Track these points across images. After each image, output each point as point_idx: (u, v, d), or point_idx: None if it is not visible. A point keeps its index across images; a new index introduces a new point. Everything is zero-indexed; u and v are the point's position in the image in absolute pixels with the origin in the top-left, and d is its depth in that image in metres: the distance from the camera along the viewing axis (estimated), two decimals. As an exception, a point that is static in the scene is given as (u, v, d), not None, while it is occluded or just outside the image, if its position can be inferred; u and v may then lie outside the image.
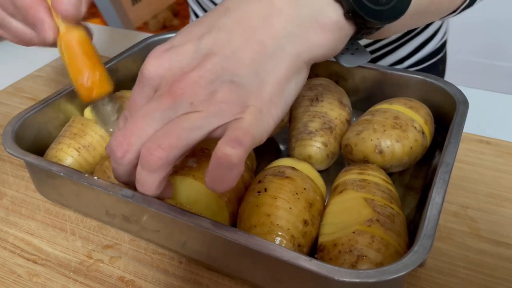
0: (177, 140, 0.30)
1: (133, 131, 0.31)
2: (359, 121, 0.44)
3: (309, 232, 0.36)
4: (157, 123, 0.31)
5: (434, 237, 0.30)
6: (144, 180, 0.32)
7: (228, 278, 0.38)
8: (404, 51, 0.68)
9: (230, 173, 0.29)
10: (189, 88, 0.30)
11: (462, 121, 0.41)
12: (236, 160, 0.28)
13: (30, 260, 0.41)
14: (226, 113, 0.30)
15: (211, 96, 0.30)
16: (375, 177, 0.39)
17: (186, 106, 0.30)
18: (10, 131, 0.42)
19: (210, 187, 0.30)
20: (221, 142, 0.29)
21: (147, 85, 0.33)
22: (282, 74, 0.31)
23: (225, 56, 0.31)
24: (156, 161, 0.30)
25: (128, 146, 0.32)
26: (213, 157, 0.29)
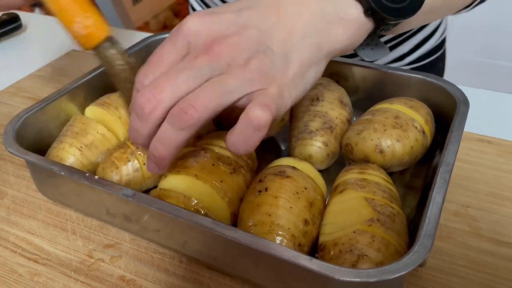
0: (210, 102, 0.31)
1: (165, 86, 0.31)
2: (359, 121, 0.44)
3: (310, 231, 0.36)
4: (192, 80, 0.31)
5: (434, 236, 0.30)
6: (168, 138, 0.32)
7: (228, 278, 0.38)
8: (404, 48, 0.68)
9: (256, 134, 0.31)
10: (228, 51, 0.32)
11: (463, 121, 0.41)
12: (264, 122, 0.31)
13: (31, 260, 0.41)
14: (257, 82, 0.32)
15: (246, 63, 0.32)
16: (375, 177, 0.39)
17: (222, 67, 0.31)
18: (11, 130, 0.43)
19: (234, 146, 0.32)
20: (252, 105, 0.31)
21: (181, 40, 0.33)
22: (305, 60, 0.34)
23: (260, 30, 0.33)
24: (189, 119, 0.31)
25: (158, 102, 0.31)
26: (242, 118, 0.31)
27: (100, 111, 0.48)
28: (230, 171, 0.39)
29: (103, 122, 0.48)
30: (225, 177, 0.39)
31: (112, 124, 0.47)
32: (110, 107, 0.48)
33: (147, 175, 0.43)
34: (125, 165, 0.42)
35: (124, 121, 0.47)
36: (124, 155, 0.43)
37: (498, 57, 1.66)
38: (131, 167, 0.42)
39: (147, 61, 0.35)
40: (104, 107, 0.48)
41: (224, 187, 0.38)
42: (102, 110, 0.48)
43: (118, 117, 0.47)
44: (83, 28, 0.40)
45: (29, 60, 0.73)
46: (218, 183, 0.38)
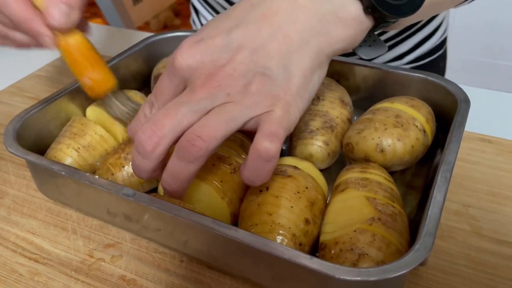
0: (216, 132, 0.31)
1: (166, 122, 0.31)
2: (360, 120, 0.44)
3: (311, 231, 0.36)
4: (192, 114, 0.31)
5: (435, 235, 0.30)
6: (179, 171, 0.32)
7: (229, 277, 0.38)
8: (405, 47, 0.68)
9: (267, 165, 0.31)
10: (225, 81, 0.31)
11: (464, 120, 0.41)
12: (274, 153, 0.31)
13: (32, 259, 0.41)
14: (260, 105, 0.31)
15: (245, 88, 0.31)
16: (377, 176, 0.39)
17: (222, 97, 0.31)
18: (11, 130, 0.43)
19: (248, 179, 0.32)
20: (259, 137, 0.31)
21: (177, 76, 0.33)
22: (307, 67, 0.33)
23: (254, 49, 0.32)
24: (197, 151, 0.31)
25: (160, 139, 0.31)
26: (252, 151, 0.31)
27: (100, 111, 0.48)
28: (231, 171, 0.39)
29: (102, 122, 0.48)
30: (226, 177, 0.39)
31: (111, 124, 0.47)
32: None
33: (143, 180, 0.43)
34: (119, 171, 0.42)
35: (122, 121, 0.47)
36: (118, 160, 0.43)
37: (499, 56, 1.66)
38: (126, 172, 0.42)
39: (147, 98, 0.36)
40: (104, 107, 0.48)
41: (224, 187, 0.38)
42: (102, 110, 0.48)
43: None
44: (90, 81, 0.44)
45: (29, 60, 0.73)
46: (218, 183, 0.38)
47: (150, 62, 0.58)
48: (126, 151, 0.43)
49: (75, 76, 0.44)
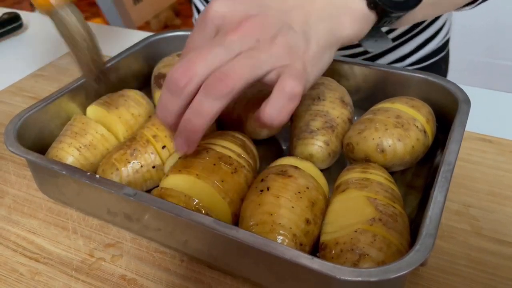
0: (244, 73, 0.33)
1: (198, 61, 0.33)
2: (360, 120, 0.44)
3: (311, 231, 0.36)
4: (224, 55, 0.33)
5: (436, 236, 0.30)
6: (203, 108, 0.33)
7: (229, 277, 0.38)
8: (407, 49, 0.68)
9: (290, 104, 0.33)
10: (256, 27, 0.34)
11: (464, 120, 0.41)
12: (298, 91, 0.33)
13: (32, 259, 0.41)
14: (283, 57, 0.34)
15: (273, 39, 0.34)
16: (377, 176, 0.39)
17: (251, 43, 0.33)
18: (12, 129, 0.43)
19: (269, 117, 0.33)
20: (285, 77, 0.33)
21: (210, 24, 0.36)
22: (322, 41, 0.36)
23: (281, 11, 0.35)
24: (224, 88, 0.32)
25: (192, 76, 0.33)
26: (277, 90, 0.33)
27: (100, 111, 0.48)
28: (232, 171, 0.39)
29: (103, 121, 0.48)
30: (226, 177, 0.39)
31: (112, 124, 0.47)
32: (110, 107, 0.48)
33: (147, 177, 0.43)
34: (125, 166, 0.42)
35: (124, 120, 0.47)
36: (124, 156, 0.43)
37: (499, 56, 1.66)
38: (131, 168, 0.42)
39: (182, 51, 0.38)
40: (105, 107, 0.48)
41: (225, 187, 0.38)
42: (102, 109, 0.48)
43: (118, 116, 0.47)
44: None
45: (30, 60, 0.73)
46: (219, 183, 0.38)
47: (150, 61, 0.58)
48: (132, 147, 0.43)
49: None
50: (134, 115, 0.48)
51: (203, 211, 0.36)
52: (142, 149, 0.43)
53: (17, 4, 2.94)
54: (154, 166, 0.43)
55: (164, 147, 0.44)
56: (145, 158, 0.43)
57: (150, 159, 0.43)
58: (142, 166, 0.43)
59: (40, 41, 0.79)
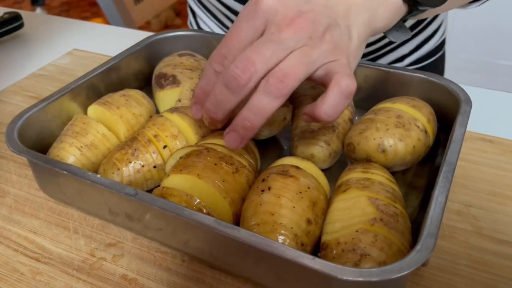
0: (299, 72, 0.34)
1: (257, 59, 0.33)
2: (361, 120, 0.44)
3: (313, 231, 0.36)
4: (280, 52, 0.34)
5: (437, 236, 0.30)
6: (263, 107, 0.34)
7: (230, 277, 0.38)
8: (405, 49, 0.68)
9: (345, 101, 0.34)
10: (309, 24, 0.34)
11: (465, 120, 0.41)
12: (353, 89, 0.34)
13: (33, 258, 0.41)
14: (332, 53, 0.35)
15: (323, 35, 0.35)
16: (379, 176, 0.39)
17: (305, 39, 0.34)
18: (13, 129, 0.43)
19: (326, 113, 0.34)
20: (340, 76, 0.34)
21: (260, 18, 0.36)
22: (362, 34, 0.38)
23: (326, 6, 0.36)
24: (284, 87, 0.33)
25: (252, 74, 0.33)
26: (333, 87, 0.34)
27: (101, 110, 0.48)
28: (233, 170, 0.39)
29: (104, 121, 0.48)
30: (227, 177, 0.39)
31: (113, 123, 0.47)
32: (111, 106, 0.48)
33: (148, 177, 0.43)
34: (126, 166, 0.42)
35: (125, 120, 0.47)
36: (125, 156, 0.43)
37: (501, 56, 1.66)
38: (132, 168, 0.42)
39: (223, 39, 0.37)
40: (106, 106, 0.48)
41: (226, 187, 0.38)
42: (103, 109, 0.48)
43: (119, 116, 0.47)
44: None
45: (31, 59, 0.73)
46: (220, 183, 0.38)
47: (151, 61, 0.58)
48: (133, 147, 0.43)
49: None
50: (135, 114, 0.48)
51: (204, 210, 0.36)
52: (143, 149, 0.43)
53: (17, 4, 2.95)
54: (155, 166, 0.43)
55: (165, 146, 0.44)
56: (146, 158, 0.43)
57: (151, 158, 0.43)
58: (143, 166, 0.43)
59: (41, 40, 0.79)
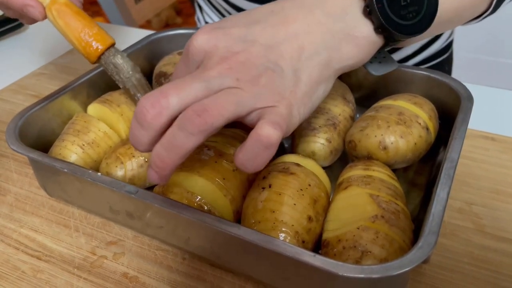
0: (224, 110, 0.30)
1: (172, 92, 0.30)
2: (363, 117, 0.44)
3: (314, 228, 0.36)
4: (201, 90, 0.30)
5: (438, 233, 0.30)
6: (175, 143, 0.30)
7: (231, 274, 0.38)
8: (410, 50, 0.68)
9: (265, 152, 0.30)
10: (237, 66, 0.31)
11: (467, 117, 0.41)
12: (275, 140, 0.30)
13: (34, 257, 0.41)
14: (266, 98, 0.31)
15: (255, 79, 0.31)
16: (380, 173, 0.39)
17: (232, 81, 0.31)
18: (13, 127, 0.43)
19: (242, 164, 0.31)
20: (262, 122, 0.30)
21: (191, 58, 0.34)
22: (315, 78, 0.33)
23: (268, 46, 0.33)
24: (202, 124, 0.29)
25: (162, 108, 0.30)
26: (252, 136, 0.30)
27: (102, 109, 0.48)
28: (233, 168, 0.39)
29: (105, 119, 0.48)
30: (228, 174, 0.39)
31: (114, 122, 0.47)
32: (112, 105, 0.48)
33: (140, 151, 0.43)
34: (129, 160, 0.42)
35: (126, 118, 0.47)
36: (129, 150, 0.43)
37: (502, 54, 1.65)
38: (136, 162, 0.42)
39: None
40: (106, 104, 0.48)
41: (227, 184, 0.38)
42: (104, 107, 0.48)
43: (120, 114, 0.47)
44: (89, 36, 0.44)
45: (31, 58, 0.73)
46: (220, 181, 0.38)
47: (152, 60, 0.58)
48: None
49: (72, 40, 0.45)
50: None
51: (205, 208, 0.36)
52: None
53: (18, 4, 2.94)
54: None
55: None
56: (150, 153, 0.43)
57: None
58: (146, 161, 0.43)
59: (42, 39, 0.79)
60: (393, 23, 0.34)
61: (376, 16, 0.34)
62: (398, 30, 0.35)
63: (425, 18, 0.36)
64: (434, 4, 0.36)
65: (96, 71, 0.51)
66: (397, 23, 0.34)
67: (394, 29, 0.34)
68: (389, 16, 0.34)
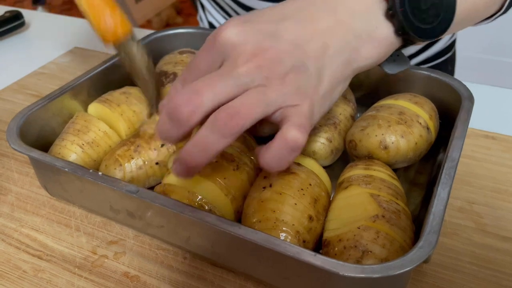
0: (254, 111, 0.30)
1: (205, 91, 0.30)
2: (363, 117, 0.44)
3: (314, 228, 0.36)
4: (232, 88, 0.31)
5: (439, 232, 0.30)
6: (209, 144, 0.31)
7: (232, 274, 0.38)
8: (412, 49, 0.68)
9: (291, 155, 0.31)
10: (266, 64, 0.31)
11: (468, 117, 0.41)
12: (301, 143, 0.31)
13: (35, 256, 0.41)
14: (292, 97, 0.32)
15: (283, 77, 0.32)
16: (381, 173, 0.39)
17: (261, 79, 0.31)
18: (14, 127, 0.43)
19: (268, 165, 0.32)
20: (289, 126, 0.31)
21: (217, 50, 0.33)
22: (336, 77, 0.34)
23: (296, 44, 0.33)
24: (234, 127, 0.30)
25: (197, 107, 0.30)
26: (280, 139, 0.31)
27: (102, 108, 0.48)
28: (234, 168, 0.39)
29: (105, 119, 0.47)
30: (229, 174, 0.39)
31: (114, 121, 0.47)
32: (112, 104, 0.48)
33: (150, 173, 0.43)
34: (128, 162, 0.42)
35: (126, 118, 0.47)
36: (128, 152, 0.43)
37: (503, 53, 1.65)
38: (135, 164, 0.42)
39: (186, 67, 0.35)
40: (106, 104, 0.48)
41: (228, 184, 0.38)
42: (104, 107, 0.48)
43: (120, 114, 0.47)
44: (111, 19, 0.44)
45: (32, 58, 0.73)
46: (221, 180, 0.38)
47: (152, 59, 0.58)
48: (136, 143, 0.43)
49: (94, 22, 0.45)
50: (136, 112, 0.48)
51: (206, 207, 0.36)
52: (145, 145, 0.43)
53: (18, 3, 2.95)
54: (157, 163, 0.43)
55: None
56: (149, 154, 0.43)
57: (153, 155, 0.43)
58: (145, 162, 0.43)
59: (42, 39, 0.79)
60: (414, 27, 0.35)
61: (399, 19, 0.34)
62: (418, 33, 0.35)
63: (444, 21, 0.36)
64: (452, 7, 0.37)
65: (97, 70, 0.51)
66: (417, 27, 0.35)
67: (414, 32, 0.35)
68: (410, 19, 0.34)
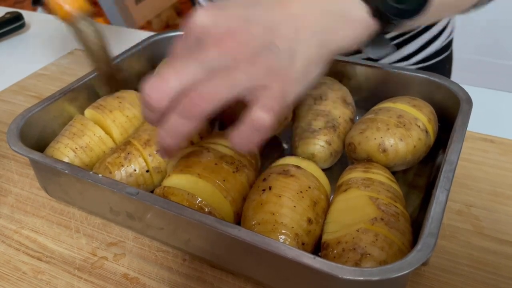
0: (218, 94, 0.32)
1: (172, 77, 0.32)
2: (362, 120, 0.44)
3: (313, 230, 0.36)
4: (199, 71, 0.32)
5: (438, 235, 0.30)
6: (175, 128, 0.32)
7: (231, 276, 0.38)
8: (410, 48, 0.68)
9: (258, 135, 0.32)
10: (235, 46, 0.32)
11: (466, 120, 0.41)
12: (268, 124, 0.32)
13: (35, 258, 0.41)
14: (261, 78, 0.32)
15: (252, 58, 0.32)
16: (380, 176, 0.39)
17: (229, 61, 0.32)
18: (14, 128, 0.43)
19: (237, 146, 0.32)
20: (256, 107, 0.32)
21: (191, 36, 0.34)
22: (310, 58, 0.34)
23: (267, 27, 0.33)
24: (197, 110, 0.31)
25: (164, 92, 0.32)
26: (246, 120, 0.32)
27: (95, 114, 0.48)
28: (233, 170, 0.39)
29: (99, 124, 0.47)
30: (228, 176, 0.39)
31: (107, 127, 0.47)
32: (104, 110, 0.47)
33: (141, 181, 0.43)
34: (118, 170, 0.42)
35: (118, 124, 0.47)
36: (118, 160, 0.42)
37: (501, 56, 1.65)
38: (125, 172, 0.42)
39: None
40: (99, 110, 0.47)
41: (227, 186, 0.38)
42: (97, 113, 0.47)
43: (112, 120, 0.47)
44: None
45: (32, 59, 0.73)
46: (221, 182, 0.38)
47: (152, 61, 0.58)
48: (126, 150, 0.43)
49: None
50: (129, 117, 0.48)
51: (206, 209, 0.37)
52: (136, 153, 0.43)
53: (18, 4, 2.95)
54: (148, 170, 0.43)
55: (158, 151, 0.43)
56: (139, 162, 0.42)
57: (144, 163, 0.43)
58: (135, 170, 0.42)
59: (42, 40, 0.79)
60: (388, 6, 0.35)
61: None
62: (393, 13, 0.36)
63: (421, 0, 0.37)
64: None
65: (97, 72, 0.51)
66: (391, 6, 0.36)
67: (388, 12, 0.36)
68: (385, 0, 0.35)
